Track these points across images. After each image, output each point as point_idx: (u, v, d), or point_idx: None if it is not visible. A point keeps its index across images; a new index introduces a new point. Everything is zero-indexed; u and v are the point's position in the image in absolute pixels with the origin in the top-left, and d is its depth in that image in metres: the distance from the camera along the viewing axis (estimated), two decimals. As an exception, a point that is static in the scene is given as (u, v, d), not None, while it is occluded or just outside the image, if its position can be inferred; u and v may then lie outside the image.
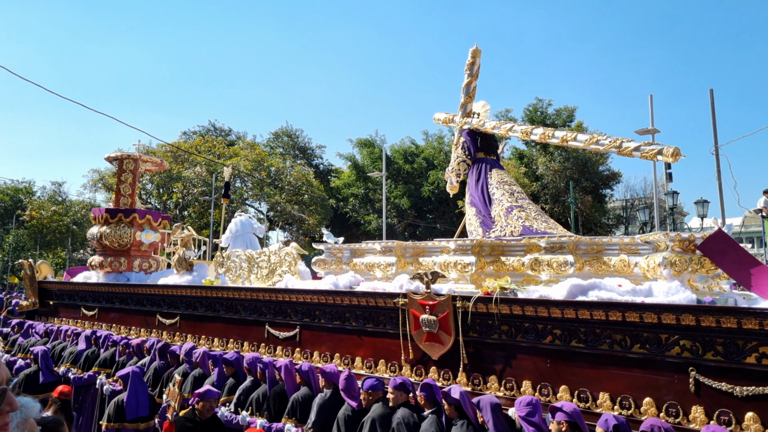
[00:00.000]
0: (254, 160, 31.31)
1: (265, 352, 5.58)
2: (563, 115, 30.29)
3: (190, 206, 30.51)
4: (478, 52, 5.60)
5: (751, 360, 3.21)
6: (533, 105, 30.62)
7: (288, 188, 32.70)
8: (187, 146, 31.38)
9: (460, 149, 5.67)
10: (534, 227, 4.73)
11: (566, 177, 29.41)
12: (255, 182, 32.36)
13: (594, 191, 30.39)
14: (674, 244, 3.78)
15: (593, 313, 3.70)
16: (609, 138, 4.45)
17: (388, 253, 5.24)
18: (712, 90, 17.20)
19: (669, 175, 22.43)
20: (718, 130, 16.92)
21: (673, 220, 27.37)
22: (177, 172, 29.52)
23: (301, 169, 34.03)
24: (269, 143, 37.57)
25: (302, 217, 33.02)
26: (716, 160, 16.66)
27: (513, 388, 4.04)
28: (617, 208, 34.26)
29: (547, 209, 30.34)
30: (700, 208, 21.12)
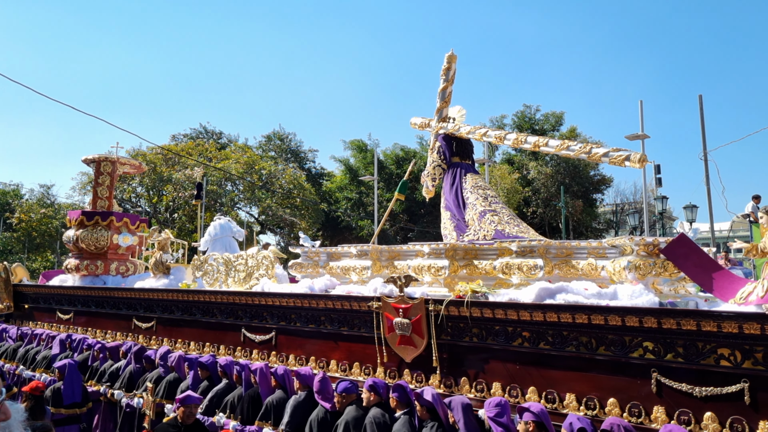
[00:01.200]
0: (246, 163, 31.26)
1: (241, 355, 5.62)
2: (551, 120, 30.69)
3: (181, 209, 30.39)
4: (454, 57, 5.73)
5: (710, 361, 3.33)
6: (521, 111, 30.99)
7: (279, 192, 32.68)
8: (178, 149, 31.28)
9: (436, 154, 5.79)
10: (506, 231, 4.85)
11: (557, 182, 29.76)
12: (246, 186, 32.30)
13: (585, 196, 30.79)
14: (639, 248, 3.91)
15: (560, 316, 3.81)
16: (579, 144, 4.59)
17: (364, 256, 5.32)
18: (701, 96, 17.51)
19: (658, 180, 22.82)
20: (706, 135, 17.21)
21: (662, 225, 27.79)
22: (167, 174, 29.42)
23: (293, 172, 34.03)
24: (261, 146, 37.56)
25: (294, 220, 33.00)
26: (705, 166, 16.96)
27: (484, 389, 4.14)
28: (607, 213, 34.70)
29: (539, 213, 30.69)
30: (689, 212, 21.48)
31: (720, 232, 31.67)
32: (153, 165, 29.37)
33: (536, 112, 31.00)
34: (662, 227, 26.95)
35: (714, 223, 18.14)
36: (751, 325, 3.17)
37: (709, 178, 17.30)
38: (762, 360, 3.18)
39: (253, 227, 33.66)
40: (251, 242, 29.39)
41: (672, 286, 4.33)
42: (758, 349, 3.19)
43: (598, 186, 30.92)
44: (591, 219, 30.43)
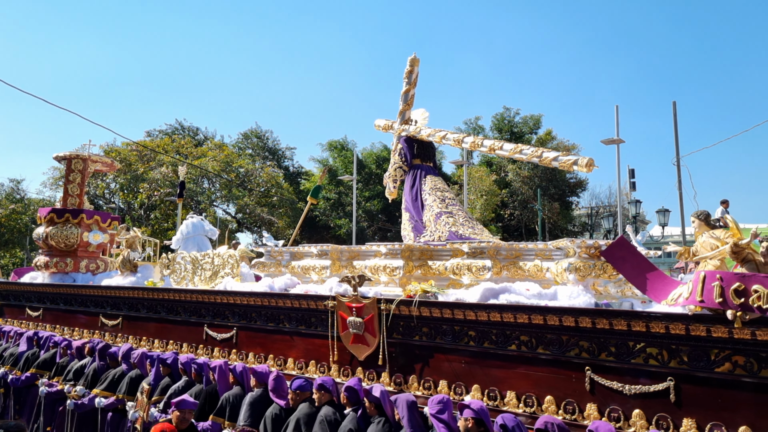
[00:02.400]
0: (222, 160, 31.16)
1: (203, 353, 5.70)
2: (530, 123, 31.02)
3: (156, 208, 30.22)
4: (416, 60, 5.85)
5: (639, 360, 3.47)
6: (500, 114, 31.27)
7: (257, 190, 32.62)
8: (153, 146, 31.07)
9: (398, 155, 5.90)
10: (460, 233, 4.98)
11: (535, 184, 30.07)
12: (223, 183, 32.20)
13: (561, 198, 31.13)
14: (581, 251, 4.05)
15: (503, 315, 3.93)
16: (531, 148, 4.72)
17: (324, 256, 5.42)
18: (674, 102, 17.84)
19: (633, 185, 23.17)
20: (680, 141, 17.52)
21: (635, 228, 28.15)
22: (143, 172, 29.23)
23: (271, 170, 33.95)
24: (238, 144, 37.39)
25: (271, 219, 32.96)
26: (677, 171, 17.27)
27: (431, 387, 4.25)
28: (583, 216, 35.10)
29: (516, 215, 30.97)
30: (662, 216, 21.86)
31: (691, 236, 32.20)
32: (127, 162, 29.20)
33: (516, 115, 31.28)
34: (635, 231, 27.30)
35: (685, 227, 18.45)
36: (676, 326, 3.32)
37: (681, 183, 17.62)
38: (687, 359, 3.33)
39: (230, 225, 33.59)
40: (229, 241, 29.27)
41: (619, 288, 4.48)
42: (683, 348, 3.34)
43: (575, 189, 31.32)
44: (567, 221, 30.79)
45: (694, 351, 3.30)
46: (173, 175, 28.95)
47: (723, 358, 3.21)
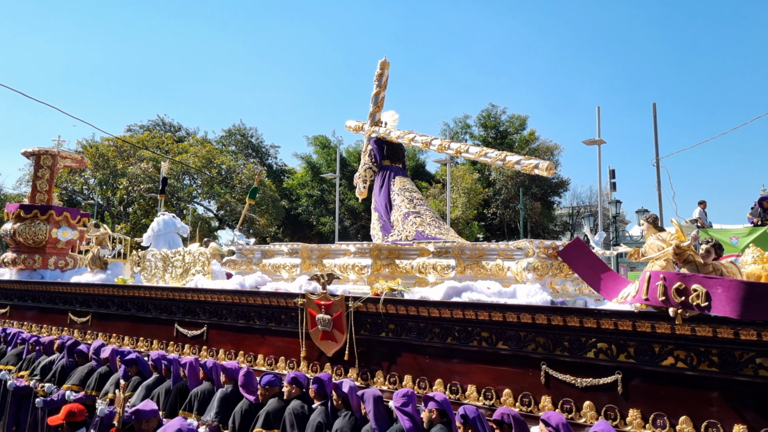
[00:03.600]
0: (204, 157, 30.92)
1: (173, 350, 5.77)
2: (516, 123, 31.51)
3: (135, 203, 29.84)
4: (387, 64, 6.01)
5: (591, 355, 3.69)
6: (487, 111, 31.66)
7: (239, 187, 32.45)
8: (133, 141, 30.68)
9: (367, 156, 6.06)
10: (426, 232, 5.16)
11: (517, 184, 30.59)
12: (205, 180, 31.94)
13: (543, 198, 31.73)
14: (539, 251, 4.26)
15: (465, 313, 4.12)
16: (495, 152, 4.92)
17: (295, 254, 5.55)
18: (655, 104, 18.37)
19: (613, 185, 23.81)
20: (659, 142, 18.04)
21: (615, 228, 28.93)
22: (122, 168, 28.83)
23: (254, 167, 33.80)
24: (221, 140, 37.16)
25: (253, 217, 32.85)
26: (657, 172, 17.82)
27: (396, 382, 4.43)
28: (564, 215, 35.84)
29: (498, 214, 31.47)
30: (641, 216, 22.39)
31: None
32: (106, 158, 28.78)
33: (502, 114, 31.72)
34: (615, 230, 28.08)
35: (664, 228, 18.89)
36: (624, 322, 3.54)
37: (660, 183, 18.17)
38: (633, 353, 3.56)
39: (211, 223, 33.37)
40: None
41: (577, 286, 4.71)
42: (630, 343, 3.57)
43: (556, 189, 31.94)
44: (548, 221, 31.42)
45: (640, 346, 3.53)
46: (153, 170, 28.63)
47: (666, 353, 3.45)
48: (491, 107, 32.01)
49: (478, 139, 32.43)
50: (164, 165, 11.80)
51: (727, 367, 3.27)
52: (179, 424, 4.19)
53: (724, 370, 3.28)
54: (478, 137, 32.46)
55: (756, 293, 3.09)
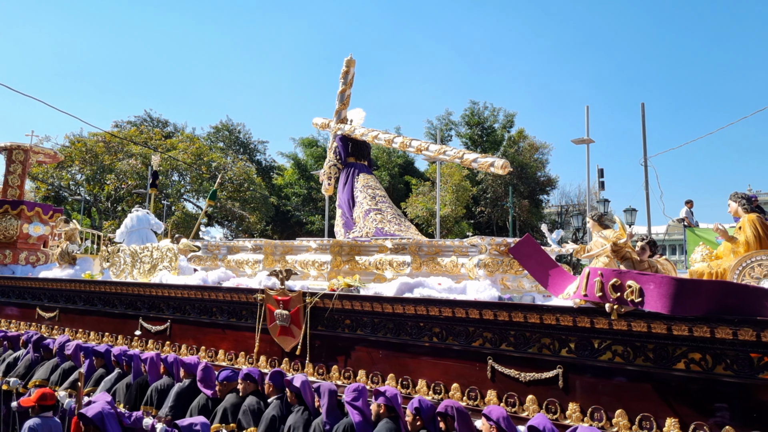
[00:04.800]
0: (193, 153, 30.85)
1: (137, 345, 5.83)
2: (502, 120, 31.69)
3: (124, 200, 29.75)
4: (352, 62, 6.08)
5: (534, 350, 3.79)
6: (470, 109, 31.83)
7: (228, 184, 32.44)
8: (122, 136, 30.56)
9: (333, 153, 6.13)
10: (386, 229, 5.24)
11: (505, 182, 30.74)
12: (194, 177, 31.89)
13: (531, 196, 31.88)
14: (491, 248, 4.35)
15: (417, 308, 4.21)
16: (454, 150, 5.02)
17: (258, 251, 5.62)
18: (643, 104, 18.52)
19: (601, 184, 23.99)
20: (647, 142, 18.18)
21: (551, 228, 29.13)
22: (110, 163, 28.73)
23: (243, 165, 33.79)
24: (209, 137, 37.07)
25: (243, 214, 32.84)
26: (645, 171, 18.02)
27: (351, 376, 4.51)
28: (553, 214, 36.06)
29: (487, 213, 31.63)
30: (629, 215, 22.71)
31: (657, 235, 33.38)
32: (94, 153, 28.67)
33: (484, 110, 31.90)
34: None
35: (651, 227, 19.22)
36: (565, 318, 3.65)
37: (648, 183, 18.35)
38: (574, 348, 3.66)
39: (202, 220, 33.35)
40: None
41: (533, 283, 4.81)
42: (572, 339, 3.67)
43: (544, 187, 32.13)
44: (537, 219, 31.59)
45: (580, 341, 3.63)
46: (142, 166, 28.55)
47: (605, 348, 3.55)
48: (473, 104, 32.19)
49: (465, 137, 32.57)
50: (155, 159, 11.79)
51: (661, 362, 3.37)
52: (101, 407, 4.27)
53: (658, 364, 3.38)
54: (464, 135, 32.61)
55: (685, 289, 3.20)
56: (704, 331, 3.21)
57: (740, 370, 3.15)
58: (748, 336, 3.10)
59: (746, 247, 3.97)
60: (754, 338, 3.09)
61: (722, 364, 3.20)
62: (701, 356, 3.26)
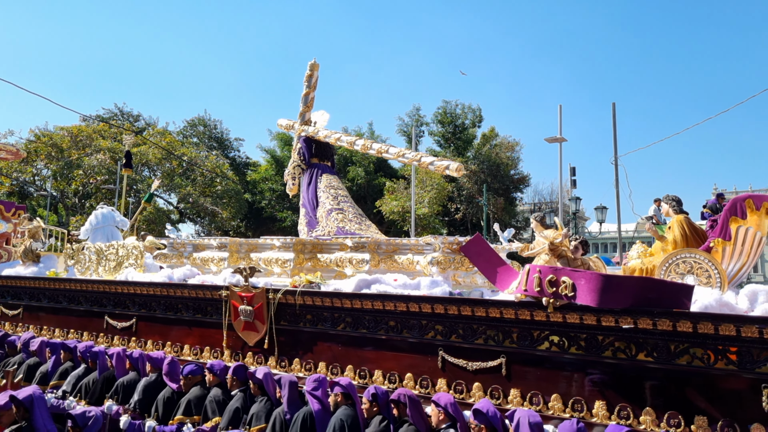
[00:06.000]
0: (165, 148, 30.51)
1: (103, 341, 5.98)
2: (470, 115, 32.34)
3: (92, 196, 29.24)
4: (316, 65, 6.32)
5: (480, 341, 4.13)
6: (443, 108, 32.34)
7: (200, 179, 32.17)
8: (90, 131, 30.01)
9: (297, 154, 6.37)
10: (346, 228, 5.52)
11: (480, 180, 31.36)
12: (165, 172, 31.54)
13: (506, 194, 32.60)
14: (444, 246, 4.67)
15: (374, 303, 4.51)
16: (413, 152, 5.32)
17: (224, 248, 5.83)
18: (614, 104, 19.20)
19: (573, 182, 24.73)
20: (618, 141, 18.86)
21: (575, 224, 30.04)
22: (78, 158, 28.19)
23: (216, 160, 33.54)
24: (183, 131, 36.69)
25: (215, 210, 32.63)
26: (615, 170, 18.71)
27: (312, 369, 4.79)
28: (526, 211, 36.89)
29: (462, 210, 32.20)
30: (599, 213, 23.52)
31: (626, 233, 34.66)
32: (60, 147, 28.12)
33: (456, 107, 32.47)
34: (575, 227, 29.21)
35: (621, 224, 19.97)
36: (508, 311, 3.99)
37: (618, 181, 19.06)
38: (516, 339, 4.01)
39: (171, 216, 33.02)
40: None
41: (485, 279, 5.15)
42: (514, 330, 4.01)
43: (518, 185, 32.88)
44: (510, 217, 32.32)
45: (521, 332, 3.98)
46: (111, 162, 28.12)
47: (543, 338, 3.91)
48: (445, 103, 32.74)
49: (437, 136, 33.09)
50: (128, 138, 11.73)
51: (592, 350, 3.75)
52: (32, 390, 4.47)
53: (589, 352, 3.75)
54: (437, 134, 33.14)
55: (611, 284, 3.57)
56: (628, 322, 3.58)
57: (659, 357, 3.54)
58: (666, 326, 3.49)
59: (674, 246, 4.38)
60: (671, 328, 3.48)
61: (644, 352, 3.59)
62: (626, 345, 3.64)
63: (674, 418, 3.44)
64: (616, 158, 19.33)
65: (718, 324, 3.36)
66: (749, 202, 4.10)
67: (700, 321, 3.40)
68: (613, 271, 4.43)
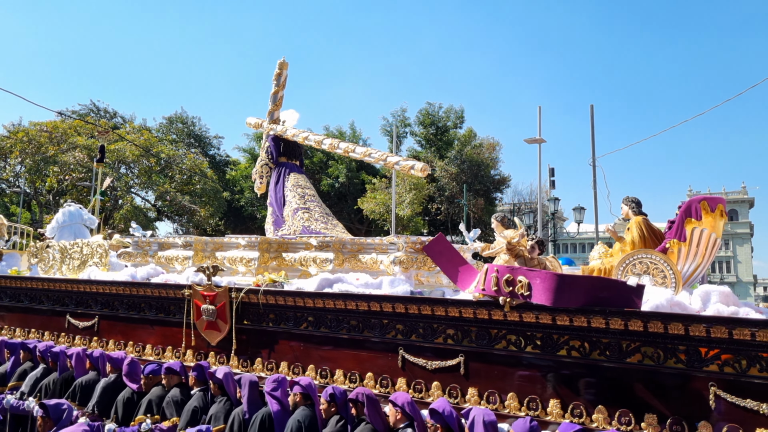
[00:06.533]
0: (142, 145, 30.13)
1: (65, 341, 5.89)
2: (453, 117, 32.54)
3: (68, 193, 28.77)
4: (285, 64, 6.31)
5: (440, 340, 4.16)
6: (425, 109, 32.53)
7: (179, 177, 31.85)
8: (66, 127, 29.52)
9: (264, 153, 6.36)
10: (312, 227, 5.52)
11: (461, 180, 31.55)
12: (142, 169, 31.16)
13: (486, 194, 32.85)
14: (407, 246, 4.70)
15: (336, 303, 4.51)
16: (379, 152, 5.34)
17: (189, 247, 5.78)
18: (592, 106, 19.42)
19: (552, 183, 24.97)
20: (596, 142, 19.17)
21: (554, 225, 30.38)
22: (53, 154, 27.70)
23: (195, 157, 33.24)
24: (161, 128, 36.30)
25: (193, 208, 32.31)
26: (593, 171, 18.94)
27: (273, 368, 4.77)
28: (506, 211, 37.22)
29: (443, 210, 32.36)
30: (578, 214, 23.79)
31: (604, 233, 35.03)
32: (36, 143, 27.62)
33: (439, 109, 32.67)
34: (554, 227, 29.54)
35: (599, 225, 20.20)
36: (467, 310, 4.02)
37: (596, 182, 19.30)
38: (475, 338, 4.04)
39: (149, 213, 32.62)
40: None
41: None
42: (472, 329, 4.05)
43: (498, 185, 33.18)
44: (490, 217, 32.61)
45: (480, 331, 4.02)
46: (87, 159, 27.69)
47: (500, 337, 3.95)
48: (428, 105, 32.96)
49: (419, 136, 33.27)
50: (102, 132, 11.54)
51: (547, 349, 3.80)
52: None
53: (544, 351, 3.81)
54: (419, 134, 33.32)
55: (565, 284, 3.62)
56: (582, 321, 3.64)
57: (612, 356, 3.60)
58: (618, 325, 3.55)
59: (632, 246, 4.46)
60: (623, 327, 3.55)
61: (598, 350, 3.65)
62: (580, 343, 3.70)
63: (625, 416, 3.50)
64: (594, 159, 19.54)
65: (667, 323, 3.43)
66: (704, 204, 4.19)
67: (651, 320, 3.47)
68: (572, 271, 4.50)
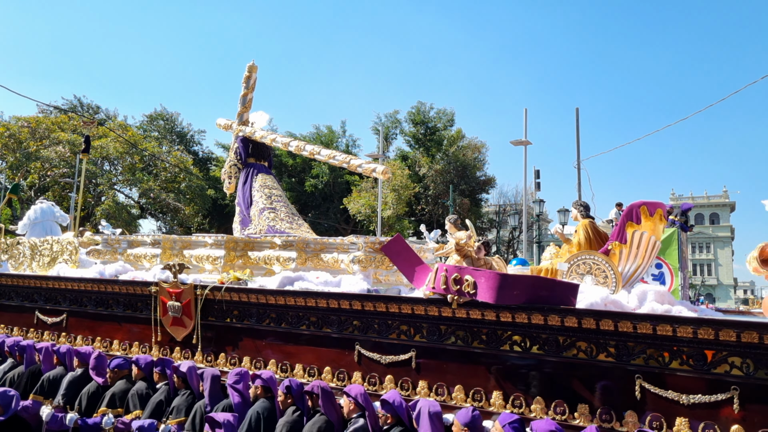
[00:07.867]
0: (126, 142, 30.06)
1: (33, 337, 6.05)
2: (443, 118, 32.90)
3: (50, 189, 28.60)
4: (254, 67, 6.54)
5: (394, 336, 4.42)
6: (416, 108, 32.83)
7: (163, 175, 31.81)
8: (49, 122, 29.35)
9: (233, 153, 6.58)
10: (277, 227, 5.75)
11: (447, 180, 31.94)
12: (126, 166, 31.09)
13: (471, 195, 33.30)
14: (366, 246, 4.95)
15: (297, 300, 4.75)
16: (343, 155, 5.59)
17: (157, 245, 5.98)
18: (577, 109, 19.84)
19: (537, 185, 25.45)
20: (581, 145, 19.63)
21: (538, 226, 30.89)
22: (35, 150, 27.53)
23: (179, 155, 33.23)
24: (143, 126, 36.20)
25: (178, 206, 32.31)
26: (578, 173, 19.36)
27: (236, 362, 5.00)
28: (491, 213, 37.73)
29: (428, 210, 32.72)
30: (562, 216, 24.26)
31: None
32: (18, 139, 27.44)
33: (430, 110, 33.01)
34: (539, 228, 30.06)
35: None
36: (419, 307, 4.29)
37: (581, 185, 19.75)
38: (426, 334, 4.31)
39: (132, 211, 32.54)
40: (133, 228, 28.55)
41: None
42: (424, 325, 4.31)
43: (484, 186, 33.61)
44: (476, 218, 33.00)
45: (430, 327, 4.29)
46: (70, 155, 27.55)
47: (449, 333, 4.22)
48: (420, 104, 33.31)
49: (409, 135, 33.57)
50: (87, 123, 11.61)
51: (492, 344, 4.07)
52: None
53: (489, 346, 4.08)
54: (408, 133, 33.63)
55: (507, 283, 3.90)
56: (523, 318, 3.92)
57: (550, 350, 3.89)
58: (555, 322, 3.84)
59: (578, 248, 4.76)
60: (560, 323, 3.84)
61: (537, 345, 3.94)
62: (521, 339, 3.98)
63: (560, 407, 3.79)
64: (579, 162, 20.02)
65: (599, 320, 3.72)
66: (644, 208, 4.50)
67: (584, 317, 3.76)
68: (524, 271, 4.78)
